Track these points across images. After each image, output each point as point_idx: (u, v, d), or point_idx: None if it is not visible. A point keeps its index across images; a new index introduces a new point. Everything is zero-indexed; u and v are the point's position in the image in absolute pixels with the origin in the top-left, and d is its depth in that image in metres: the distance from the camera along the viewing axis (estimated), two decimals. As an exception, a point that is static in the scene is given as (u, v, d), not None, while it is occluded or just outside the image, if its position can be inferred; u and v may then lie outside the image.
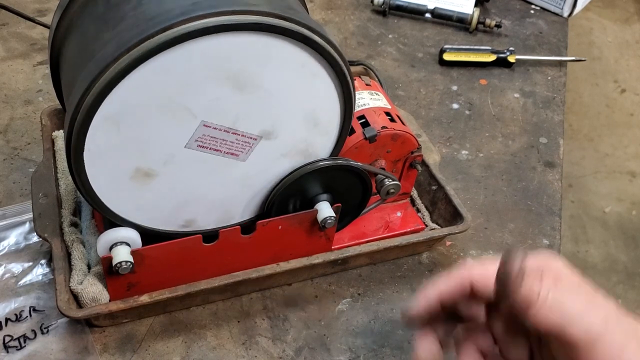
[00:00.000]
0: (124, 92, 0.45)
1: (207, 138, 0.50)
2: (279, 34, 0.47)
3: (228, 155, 0.52)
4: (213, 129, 0.50)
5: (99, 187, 0.50)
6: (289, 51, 0.48)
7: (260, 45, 0.47)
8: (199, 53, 0.45)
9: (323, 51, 0.49)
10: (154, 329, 0.59)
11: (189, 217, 0.56)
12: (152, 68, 0.45)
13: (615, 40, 2.17)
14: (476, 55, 0.96)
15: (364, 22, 1.05)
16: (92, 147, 0.47)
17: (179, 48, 0.45)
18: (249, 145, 0.52)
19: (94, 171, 0.49)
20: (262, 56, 0.48)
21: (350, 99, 0.54)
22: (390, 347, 0.59)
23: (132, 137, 0.48)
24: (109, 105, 0.45)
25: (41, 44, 0.91)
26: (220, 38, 0.45)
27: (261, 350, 0.58)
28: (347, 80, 0.52)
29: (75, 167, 0.48)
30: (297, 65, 0.50)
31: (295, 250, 0.60)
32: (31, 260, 0.63)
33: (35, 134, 0.77)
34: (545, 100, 0.92)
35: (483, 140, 0.84)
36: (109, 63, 0.44)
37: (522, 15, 1.11)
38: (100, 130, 0.46)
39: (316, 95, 0.52)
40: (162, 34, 0.44)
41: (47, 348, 0.56)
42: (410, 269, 0.66)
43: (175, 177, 0.52)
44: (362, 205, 0.63)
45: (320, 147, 0.56)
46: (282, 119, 0.52)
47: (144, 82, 0.45)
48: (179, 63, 0.45)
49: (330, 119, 0.55)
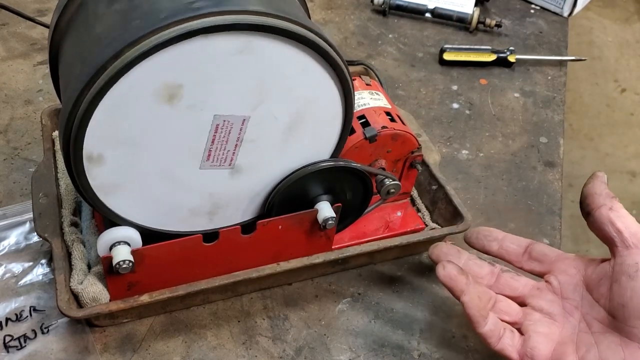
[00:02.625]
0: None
1: (207, 139, 0.50)
2: (278, 35, 0.47)
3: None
4: (213, 128, 0.50)
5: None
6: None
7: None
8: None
9: (322, 52, 0.49)
10: (154, 329, 0.59)
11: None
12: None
13: (616, 40, 2.17)
14: (476, 55, 0.96)
15: (364, 22, 1.05)
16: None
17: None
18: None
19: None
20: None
21: (350, 99, 0.54)
22: (391, 347, 0.59)
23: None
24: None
25: (41, 43, 0.92)
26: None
27: (261, 349, 0.58)
28: (346, 81, 0.52)
29: (75, 166, 0.48)
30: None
31: (295, 250, 0.60)
32: (31, 260, 0.63)
33: (35, 133, 0.77)
34: (546, 100, 0.92)
35: (483, 140, 0.84)
36: (111, 58, 0.44)
37: (522, 15, 1.11)
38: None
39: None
40: (160, 33, 0.44)
41: (48, 348, 0.56)
42: (411, 269, 0.66)
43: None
44: (364, 207, 0.63)
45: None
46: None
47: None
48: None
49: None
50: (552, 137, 0.86)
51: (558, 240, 0.71)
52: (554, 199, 0.77)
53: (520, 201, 0.76)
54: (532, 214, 0.74)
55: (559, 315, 0.53)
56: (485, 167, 0.80)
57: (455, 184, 0.77)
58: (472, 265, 0.57)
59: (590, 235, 0.53)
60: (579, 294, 0.53)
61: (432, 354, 0.59)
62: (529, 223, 0.73)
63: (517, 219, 0.73)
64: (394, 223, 0.68)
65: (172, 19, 0.44)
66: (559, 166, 0.81)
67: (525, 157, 0.82)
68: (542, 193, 0.77)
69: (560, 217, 0.74)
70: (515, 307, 0.55)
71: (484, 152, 0.82)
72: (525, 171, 0.80)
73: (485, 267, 0.57)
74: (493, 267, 0.57)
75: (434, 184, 0.68)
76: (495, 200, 0.76)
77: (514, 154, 0.83)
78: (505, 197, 0.76)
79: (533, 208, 0.75)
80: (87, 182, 0.49)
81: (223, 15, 0.44)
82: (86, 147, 0.47)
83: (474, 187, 0.77)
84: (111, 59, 0.44)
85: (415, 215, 0.69)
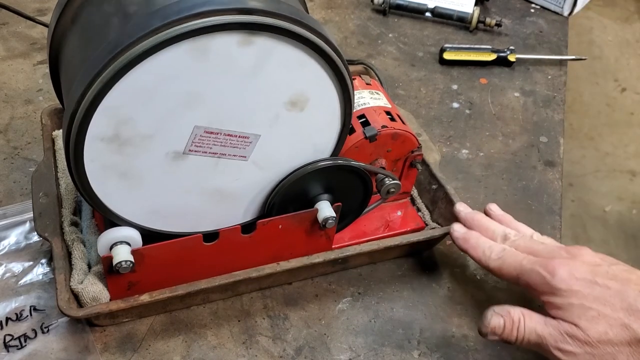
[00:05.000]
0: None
1: (206, 138, 0.50)
2: (278, 34, 0.47)
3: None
4: (213, 129, 0.50)
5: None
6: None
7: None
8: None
9: (321, 51, 0.49)
10: (154, 328, 0.59)
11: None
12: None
13: (616, 39, 2.17)
14: (476, 55, 0.96)
15: (364, 21, 1.05)
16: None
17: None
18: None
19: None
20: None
21: (350, 99, 0.54)
22: (391, 346, 0.59)
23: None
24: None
25: (41, 43, 0.92)
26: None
27: (261, 349, 0.58)
28: (345, 80, 0.52)
29: (74, 165, 0.48)
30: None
31: (295, 250, 0.60)
32: (31, 259, 0.63)
33: (35, 133, 0.77)
34: (546, 99, 0.92)
35: (483, 140, 0.84)
36: (113, 56, 0.44)
37: (523, 14, 1.11)
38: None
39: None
40: (160, 32, 0.44)
41: (48, 347, 0.56)
42: (411, 268, 0.66)
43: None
44: (363, 206, 0.63)
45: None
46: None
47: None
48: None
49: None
50: (552, 136, 0.86)
51: (558, 240, 0.71)
52: (554, 198, 0.77)
53: (521, 200, 0.76)
54: (532, 214, 0.74)
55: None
56: (486, 166, 0.80)
57: (455, 183, 0.77)
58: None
59: (591, 234, 0.53)
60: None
61: (432, 354, 0.59)
62: (529, 222, 0.73)
63: (517, 219, 0.73)
64: (394, 222, 0.68)
65: (171, 18, 0.44)
66: (559, 165, 0.81)
67: (525, 156, 0.82)
68: (542, 192, 0.77)
69: (560, 217, 0.74)
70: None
71: (484, 152, 0.82)
72: (526, 170, 0.80)
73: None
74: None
75: (434, 183, 0.68)
76: (495, 199, 0.76)
77: (514, 154, 0.83)
78: (505, 196, 0.76)
79: (533, 207, 0.75)
80: (87, 182, 0.49)
81: (222, 14, 0.44)
82: (88, 138, 0.47)
83: (474, 187, 0.77)
84: (111, 59, 0.44)
85: (416, 214, 0.69)
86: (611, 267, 0.52)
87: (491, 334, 0.53)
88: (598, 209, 1.67)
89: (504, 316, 0.53)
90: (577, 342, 0.50)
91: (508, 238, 0.59)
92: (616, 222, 1.65)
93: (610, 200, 1.71)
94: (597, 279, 0.51)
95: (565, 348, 0.50)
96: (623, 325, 0.49)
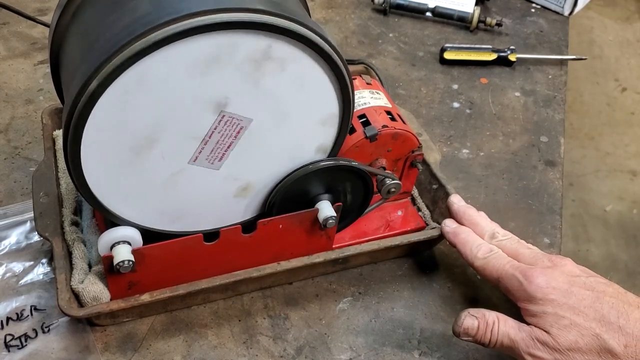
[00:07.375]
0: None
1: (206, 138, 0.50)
2: (278, 34, 0.47)
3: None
4: (213, 128, 0.50)
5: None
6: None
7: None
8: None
9: (321, 51, 0.49)
10: (155, 328, 0.59)
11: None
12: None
13: (616, 39, 2.17)
14: (477, 54, 0.96)
15: (365, 21, 1.05)
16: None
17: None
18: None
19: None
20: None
21: (349, 98, 0.54)
22: (391, 346, 0.59)
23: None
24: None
25: (42, 43, 0.92)
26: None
27: (262, 349, 0.58)
28: (345, 80, 0.52)
29: (72, 165, 0.48)
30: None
31: (296, 249, 0.60)
32: (32, 259, 0.63)
33: (36, 133, 0.77)
34: (546, 99, 0.92)
35: (484, 139, 0.84)
36: (113, 54, 0.44)
37: (523, 14, 1.11)
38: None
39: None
40: (159, 30, 0.44)
41: (48, 347, 0.56)
42: (411, 268, 0.66)
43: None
44: (364, 206, 0.63)
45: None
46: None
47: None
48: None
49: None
50: (552, 136, 0.86)
51: (559, 240, 0.71)
52: (555, 198, 0.77)
53: (521, 200, 0.76)
54: (532, 213, 0.74)
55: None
56: (486, 166, 0.80)
57: (455, 183, 0.77)
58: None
59: (591, 234, 0.53)
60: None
61: (432, 354, 0.59)
62: (529, 222, 0.73)
63: (517, 218, 0.73)
64: (395, 222, 0.68)
65: (169, 18, 0.44)
66: (559, 165, 0.81)
67: (525, 156, 0.82)
68: (542, 192, 0.77)
69: (560, 217, 0.74)
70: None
71: (485, 151, 0.82)
72: (526, 170, 0.80)
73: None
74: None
75: (435, 183, 0.68)
76: (495, 199, 0.76)
77: (515, 153, 0.83)
78: (505, 196, 0.76)
79: (534, 207, 0.75)
80: (85, 182, 0.49)
81: (221, 13, 0.44)
82: (85, 137, 0.47)
83: (475, 186, 0.77)
84: (110, 57, 0.44)
85: (416, 214, 0.69)
86: (589, 278, 0.53)
87: (464, 334, 0.55)
88: (598, 208, 1.67)
89: (479, 318, 0.54)
90: (547, 348, 0.51)
91: (495, 237, 0.60)
92: (616, 222, 1.65)
93: (611, 200, 1.71)
94: (574, 289, 0.52)
95: (535, 354, 0.51)
96: (594, 335, 0.50)
